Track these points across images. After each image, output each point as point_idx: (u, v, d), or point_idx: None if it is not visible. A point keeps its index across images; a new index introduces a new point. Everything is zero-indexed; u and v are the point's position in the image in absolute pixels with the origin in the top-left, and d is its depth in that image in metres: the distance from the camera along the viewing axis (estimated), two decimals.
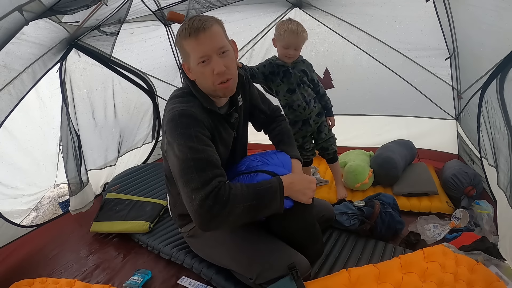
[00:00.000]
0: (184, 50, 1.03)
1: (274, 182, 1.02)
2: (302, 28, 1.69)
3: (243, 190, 0.98)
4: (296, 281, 1.00)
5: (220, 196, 0.93)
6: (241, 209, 0.95)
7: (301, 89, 1.81)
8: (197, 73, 1.04)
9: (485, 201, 1.67)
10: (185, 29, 0.99)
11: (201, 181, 0.93)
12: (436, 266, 1.09)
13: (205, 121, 1.03)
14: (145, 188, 2.18)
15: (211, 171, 0.96)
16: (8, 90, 1.54)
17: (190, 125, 0.99)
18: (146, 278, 1.45)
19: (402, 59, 2.09)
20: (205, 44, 0.98)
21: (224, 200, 0.93)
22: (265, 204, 1.00)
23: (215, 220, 0.94)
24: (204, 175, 0.94)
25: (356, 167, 2.04)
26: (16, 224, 1.79)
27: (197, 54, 1.00)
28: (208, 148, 0.99)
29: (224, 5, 1.98)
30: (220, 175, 0.98)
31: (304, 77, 1.82)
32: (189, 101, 1.07)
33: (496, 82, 1.32)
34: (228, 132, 1.17)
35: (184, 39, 1.00)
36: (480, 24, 1.37)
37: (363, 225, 1.55)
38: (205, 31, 0.98)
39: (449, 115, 2.22)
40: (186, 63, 1.08)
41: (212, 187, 0.93)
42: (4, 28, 1.13)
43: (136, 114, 2.53)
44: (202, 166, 0.95)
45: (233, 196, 0.94)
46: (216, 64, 1.00)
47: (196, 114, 1.01)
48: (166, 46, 2.55)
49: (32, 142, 2.28)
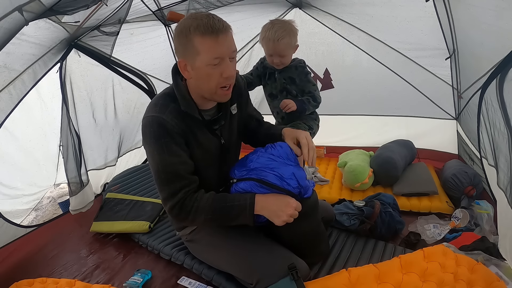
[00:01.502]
0: (193, 47, 0.95)
1: (243, 201, 1.07)
2: (282, 34, 1.52)
3: (208, 202, 1.07)
4: (296, 281, 1.00)
5: (184, 207, 1.06)
6: (203, 219, 1.08)
7: (283, 97, 1.69)
8: (201, 74, 0.99)
9: (485, 201, 1.67)
10: (203, 26, 0.93)
11: (170, 193, 1.06)
12: (436, 266, 1.09)
13: (176, 128, 1.03)
14: (145, 188, 2.18)
15: (179, 183, 1.06)
16: (9, 91, 1.54)
17: (160, 135, 1.03)
18: (146, 278, 1.45)
19: (402, 59, 2.09)
20: (224, 46, 0.97)
21: (188, 210, 1.07)
22: (230, 218, 1.08)
23: (183, 223, 1.15)
24: (172, 187, 1.06)
25: (356, 167, 2.04)
26: (16, 224, 1.79)
27: (213, 54, 0.95)
28: (176, 160, 1.05)
29: (224, 5, 1.98)
30: (186, 186, 1.07)
31: (290, 85, 1.67)
32: (164, 106, 1.05)
33: (496, 82, 1.32)
34: (207, 136, 1.13)
35: (198, 36, 0.94)
36: (480, 24, 1.37)
37: (363, 225, 1.55)
38: (225, 32, 0.96)
39: (449, 115, 2.22)
40: (187, 60, 1.00)
41: (178, 199, 1.06)
42: (4, 28, 1.13)
43: (136, 114, 2.53)
44: (171, 179, 1.06)
45: (196, 207, 1.06)
46: (228, 67, 0.99)
47: (166, 122, 1.02)
48: (166, 46, 2.54)
49: (33, 143, 2.28)
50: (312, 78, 1.73)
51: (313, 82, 1.73)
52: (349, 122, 2.57)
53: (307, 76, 1.69)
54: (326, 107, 2.56)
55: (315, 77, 2.50)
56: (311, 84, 1.71)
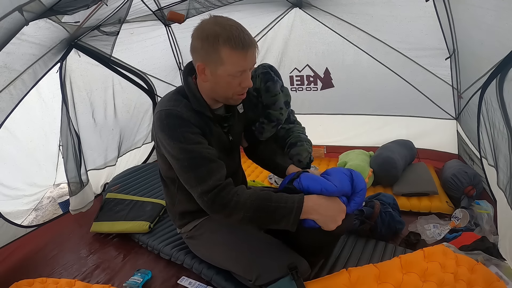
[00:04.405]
0: (219, 57, 0.96)
1: (290, 203, 0.99)
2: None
3: (250, 199, 0.99)
4: (296, 281, 1.00)
5: (220, 198, 0.98)
6: (241, 216, 0.98)
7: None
8: (221, 82, 1.01)
9: (485, 201, 1.67)
10: (234, 40, 0.93)
11: (197, 180, 0.99)
12: (436, 266, 1.09)
13: (191, 119, 1.04)
14: (145, 188, 2.18)
15: (206, 166, 1.00)
16: (9, 91, 1.53)
17: (176, 126, 1.01)
18: (146, 278, 1.45)
19: (402, 59, 2.09)
20: (250, 61, 1.00)
21: (224, 203, 0.98)
22: (272, 220, 1.00)
23: (216, 215, 1.02)
24: (199, 171, 0.99)
25: (356, 167, 2.04)
26: (16, 224, 1.79)
27: (238, 67, 0.98)
28: (198, 146, 1.02)
29: (224, 4, 1.98)
30: (216, 171, 1.00)
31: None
32: (178, 101, 1.07)
33: (496, 82, 1.32)
34: (218, 132, 1.16)
35: (229, 48, 0.94)
36: (480, 24, 1.37)
37: (363, 225, 1.55)
38: (253, 48, 0.99)
39: (449, 115, 2.22)
40: (208, 65, 1.00)
41: (209, 187, 0.98)
42: (4, 28, 1.13)
43: (136, 114, 2.54)
44: (196, 165, 0.99)
45: (235, 202, 0.98)
46: (247, 78, 1.02)
47: (181, 113, 1.02)
48: (166, 46, 2.55)
49: (33, 143, 2.29)
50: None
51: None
52: (349, 122, 2.57)
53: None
54: (326, 106, 2.59)
55: (315, 77, 2.51)
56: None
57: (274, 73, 1.41)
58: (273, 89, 1.35)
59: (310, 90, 2.57)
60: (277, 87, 1.36)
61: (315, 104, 2.58)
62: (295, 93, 2.60)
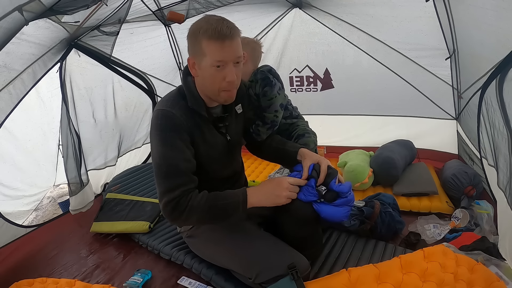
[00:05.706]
0: (201, 48, 1.00)
1: (235, 198, 1.07)
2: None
3: (201, 202, 1.06)
4: (296, 281, 1.00)
5: (179, 206, 1.05)
6: (196, 218, 1.09)
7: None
8: (206, 74, 1.04)
9: (485, 201, 1.67)
10: (211, 30, 0.97)
11: (167, 188, 1.05)
12: (436, 266, 1.09)
13: (184, 124, 1.06)
14: (145, 188, 2.18)
15: (178, 179, 1.06)
16: (9, 90, 1.54)
17: (167, 129, 1.05)
18: (146, 278, 1.45)
19: (402, 59, 2.09)
20: (227, 52, 1.00)
21: (181, 209, 1.05)
22: (223, 216, 1.09)
23: (175, 221, 1.13)
24: (171, 182, 1.05)
25: (356, 167, 2.04)
26: (17, 224, 1.79)
27: (216, 58, 1.00)
28: (180, 155, 1.06)
29: (224, 5, 1.98)
30: (185, 184, 1.06)
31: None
32: (175, 101, 1.09)
33: (495, 82, 1.32)
34: (213, 133, 1.17)
35: (206, 39, 0.98)
36: (480, 24, 1.37)
37: (363, 225, 1.55)
38: (231, 39, 0.99)
39: (449, 115, 2.22)
40: (195, 59, 1.05)
41: (174, 196, 1.04)
42: (4, 28, 1.13)
43: (136, 114, 2.54)
44: (171, 174, 1.05)
45: (190, 207, 1.05)
46: (230, 72, 1.03)
47: (175, 117, 1.05)
48: (166, 46, 2.55)
49: (32, 143, 2.28)
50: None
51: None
52: (349, 122, 2.57)
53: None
54: (326, 107, 2.59)
55: (315, 77, 2.51)
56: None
57: (273, 76, 1.43)
58: (270, 93, 1.38)
59: (310, 91, 2.58)
60: (275, 91, 1.39)
61: (315, 104, 2.57)
62: (295, 94, 2.60)
